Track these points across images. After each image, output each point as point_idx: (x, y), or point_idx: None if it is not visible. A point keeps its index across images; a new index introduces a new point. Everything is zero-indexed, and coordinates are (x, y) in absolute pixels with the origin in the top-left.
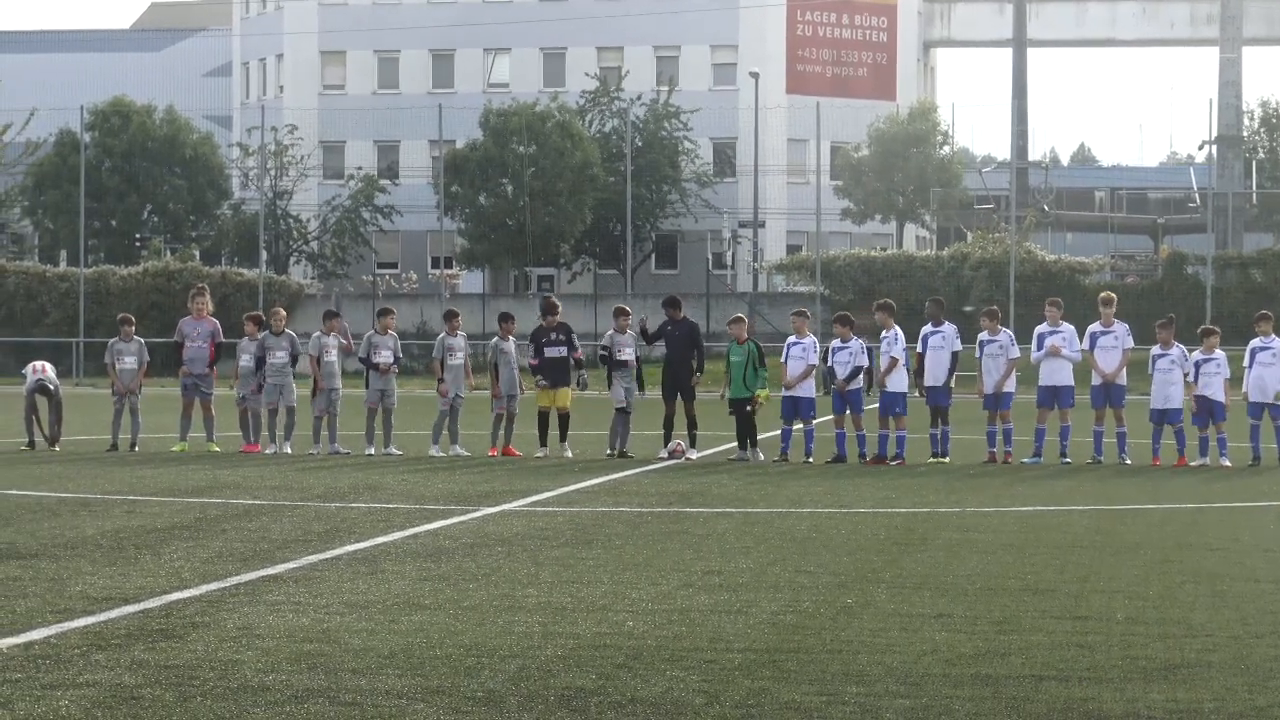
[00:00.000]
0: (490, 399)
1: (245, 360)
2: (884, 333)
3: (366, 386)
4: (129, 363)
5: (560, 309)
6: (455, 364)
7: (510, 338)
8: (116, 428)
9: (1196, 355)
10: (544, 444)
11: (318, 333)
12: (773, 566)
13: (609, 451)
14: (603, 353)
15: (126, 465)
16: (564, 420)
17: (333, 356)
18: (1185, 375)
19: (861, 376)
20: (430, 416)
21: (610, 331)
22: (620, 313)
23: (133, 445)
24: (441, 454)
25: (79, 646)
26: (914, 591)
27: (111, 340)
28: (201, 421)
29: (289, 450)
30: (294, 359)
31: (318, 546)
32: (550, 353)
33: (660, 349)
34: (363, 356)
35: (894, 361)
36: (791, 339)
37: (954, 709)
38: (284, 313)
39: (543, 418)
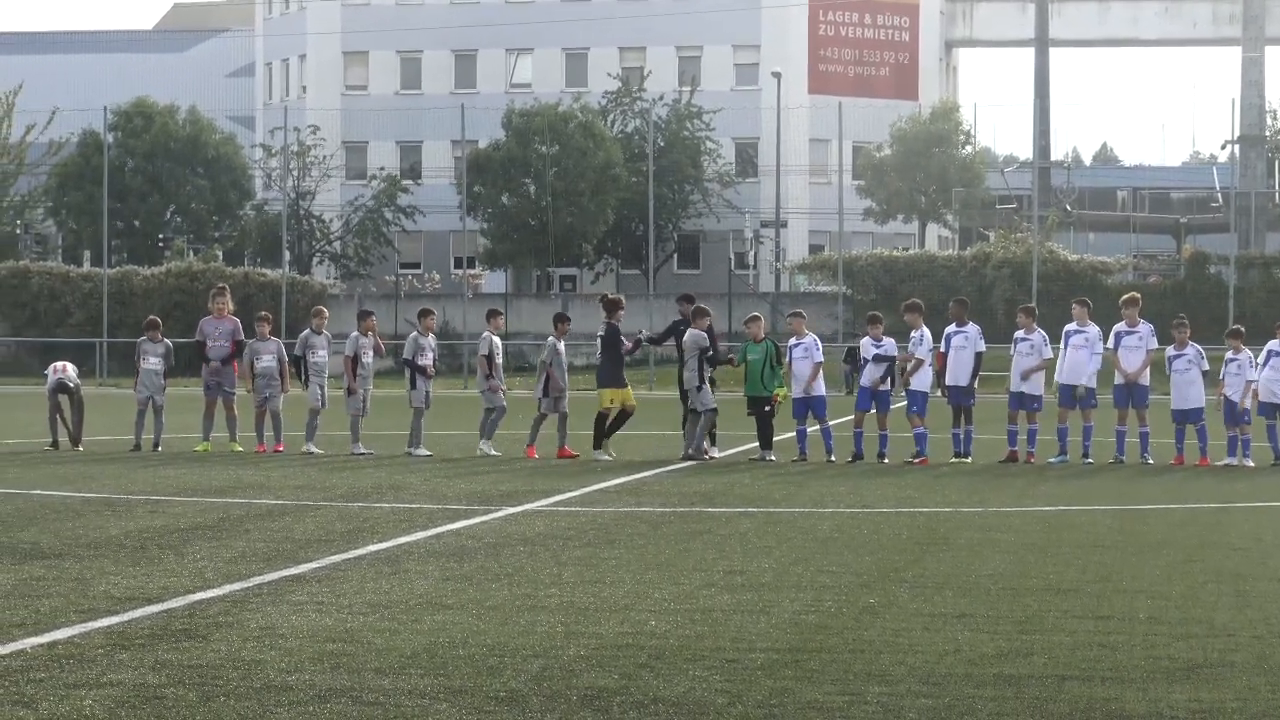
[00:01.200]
0: (536, 399)
1: (267, 361)
2: (913, 333)
3: (412, 388)
4: (153, 363)
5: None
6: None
7: (564, 339)
8: (140, 428)
9: (1228, 354)
10: (598, 445)
11: (354, 333)
12: (795, 566)
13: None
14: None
15: (149, 465)
16: (625, 418)
17: (370, 357)
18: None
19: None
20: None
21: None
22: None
23: (156, 445)
24: (496, 453)
25: (103, 646)
26: (936, 591)
27: (139, 340)
28: (224, 421)
29: (315, 450)
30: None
31: (341, 546)
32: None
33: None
34: (408, 358)
35: (919, 361)
36: (792, 340)
37: (976, 709)
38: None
39: (601, 418)
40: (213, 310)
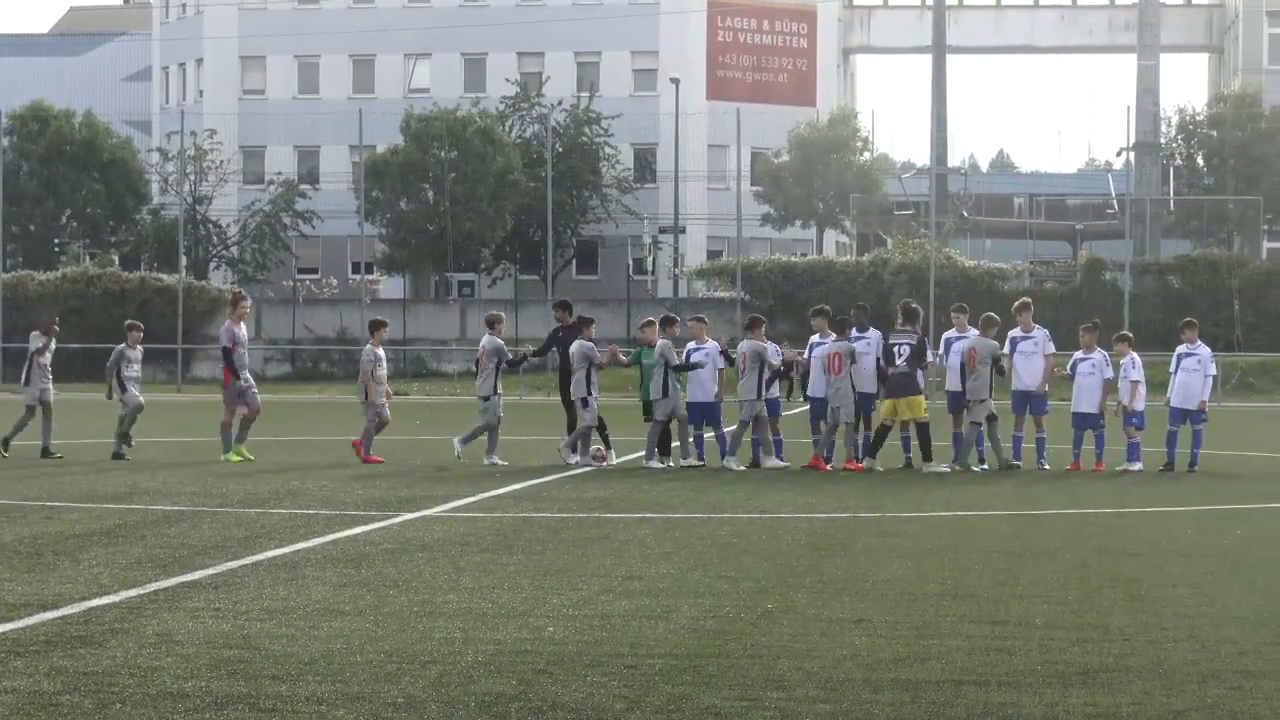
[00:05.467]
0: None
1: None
2: (815, 336)
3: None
4: (137, 370)
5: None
6: (382, 373)
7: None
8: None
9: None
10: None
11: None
12: (693, 572)
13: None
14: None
15: (45, 471)
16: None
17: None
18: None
19: (779, 383)
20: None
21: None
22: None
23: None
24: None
25: None
26: (834, 597)
27: (120, 346)
28: (240, 427)
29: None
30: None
31: (237, 552)
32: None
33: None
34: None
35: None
36: (691, 345)
37: (874, 714)
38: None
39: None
40: (234, 315)
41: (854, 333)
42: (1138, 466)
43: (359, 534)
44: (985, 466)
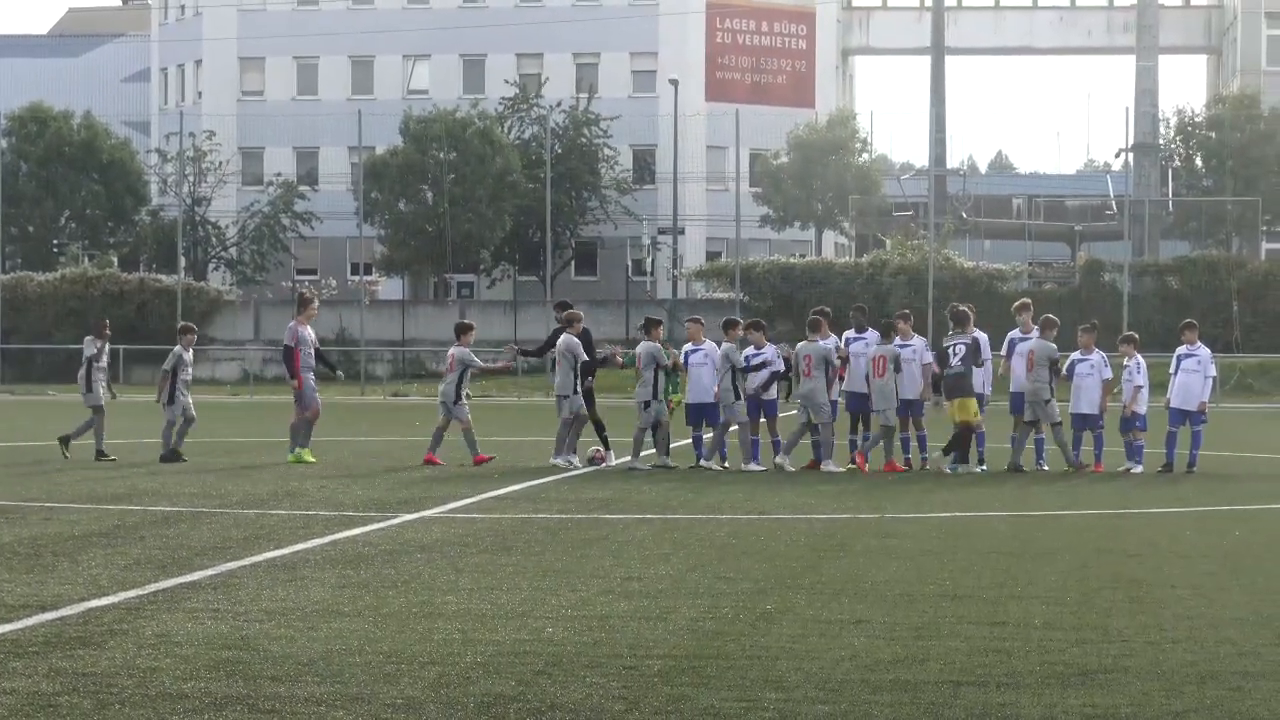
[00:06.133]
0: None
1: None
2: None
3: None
4: (190, 374)
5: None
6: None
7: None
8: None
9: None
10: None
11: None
12: (692, 573)
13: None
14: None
15: (43, 472)
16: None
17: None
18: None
19: (778, 384)
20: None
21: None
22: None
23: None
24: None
25: None
26: (833, 598)
27: (176, 349)
28: (305, 429)
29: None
30: None
31: (237, 553)
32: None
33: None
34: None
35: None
36: (689, 346)
37: (873, 714)
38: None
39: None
40: (303, 315)
41: (852, 334)
42: (1138, 468)
43: (358, 535)
44: (1032, 466)
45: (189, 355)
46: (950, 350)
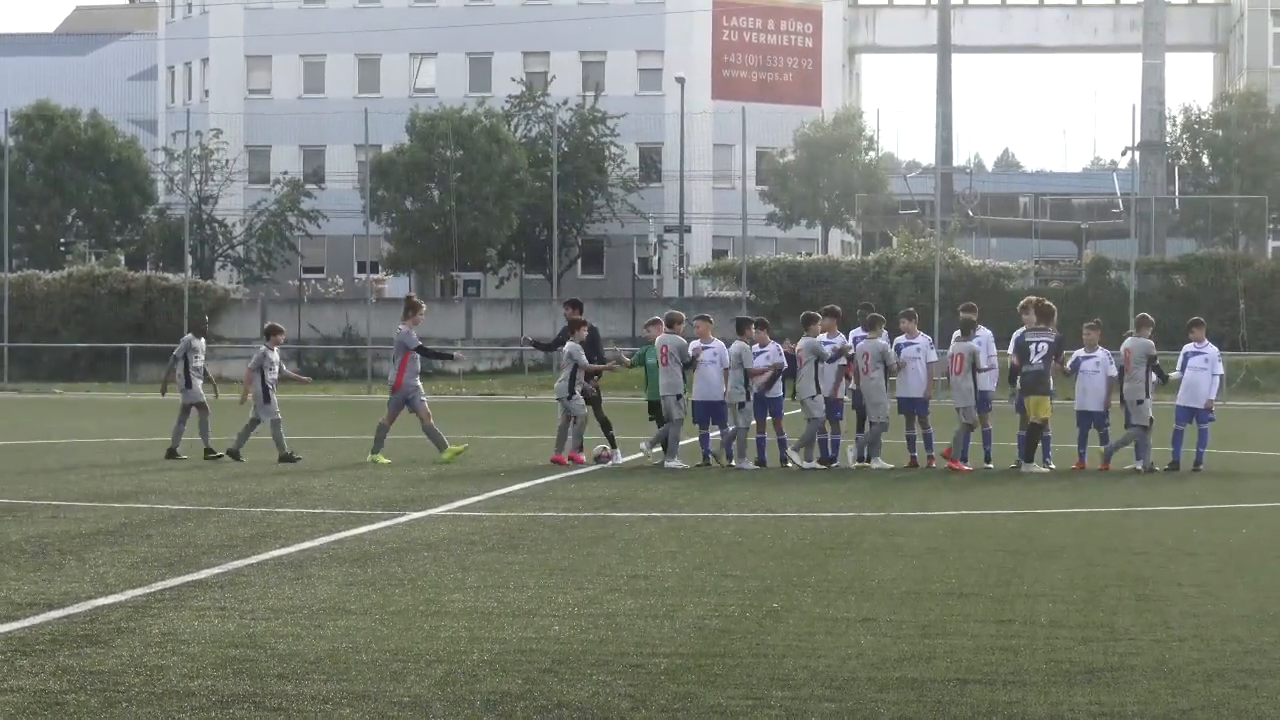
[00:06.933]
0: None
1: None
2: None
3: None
4: (276, 375)
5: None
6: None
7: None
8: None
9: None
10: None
11: (572, 344)
12: (698, 571)
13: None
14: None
15: (50, 470)
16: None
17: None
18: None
19: (783, 382)
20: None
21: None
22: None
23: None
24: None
25: (2, 652)
26: (839, 596)
27: (261, 348)
28: (383, 432)
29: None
30: None
31: (243, 552)
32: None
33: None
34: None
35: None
36: (696, 343)
37: (879, 713)
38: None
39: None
40: (411, 320)
41: (859, 332)
42: (1143, 466)
43: (365, 533)
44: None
45: (274, 354)
46: (1032, 347)
